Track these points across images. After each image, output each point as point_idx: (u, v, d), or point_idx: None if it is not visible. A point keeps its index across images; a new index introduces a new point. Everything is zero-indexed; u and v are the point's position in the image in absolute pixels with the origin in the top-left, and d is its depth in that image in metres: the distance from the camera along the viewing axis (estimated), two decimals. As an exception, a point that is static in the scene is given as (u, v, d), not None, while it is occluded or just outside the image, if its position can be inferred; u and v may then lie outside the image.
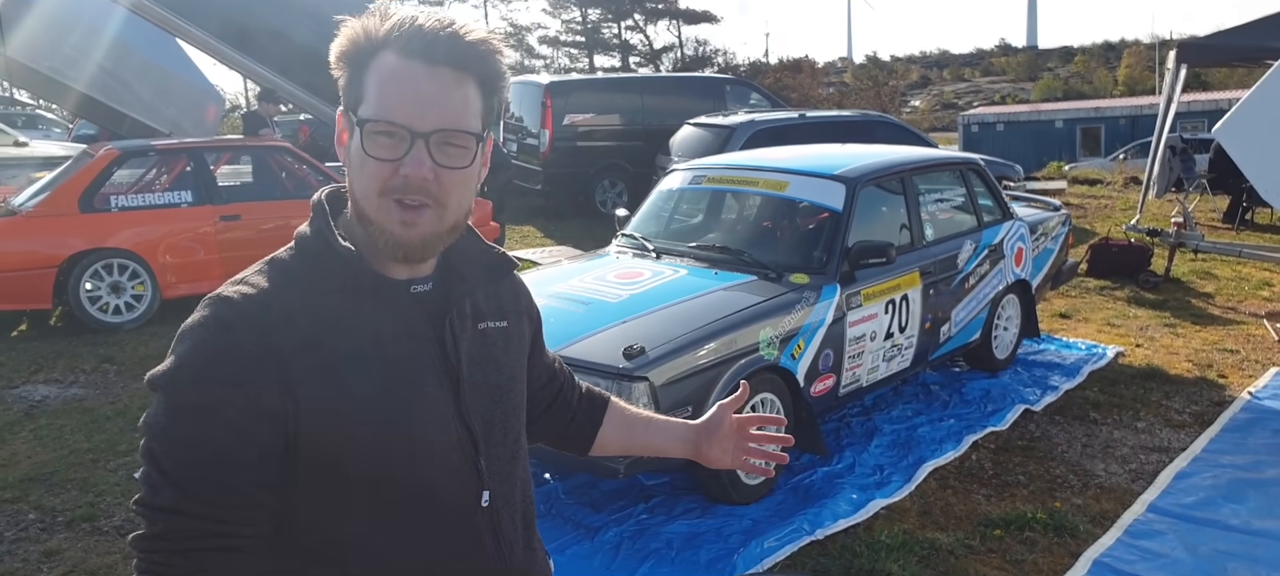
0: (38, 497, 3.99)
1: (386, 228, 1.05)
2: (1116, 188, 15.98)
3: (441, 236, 1.09)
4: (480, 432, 1.15)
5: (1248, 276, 8.46)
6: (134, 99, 12.69)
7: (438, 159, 1.04)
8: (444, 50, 1.04)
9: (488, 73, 1.08)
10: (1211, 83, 35.33)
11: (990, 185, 5.61)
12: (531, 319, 1.36)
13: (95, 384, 5.62)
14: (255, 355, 1.01)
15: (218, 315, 1.03)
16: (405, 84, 1.03)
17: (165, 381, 1.01)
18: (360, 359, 1.06)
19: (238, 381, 1.00)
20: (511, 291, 1.30)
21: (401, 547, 1.10)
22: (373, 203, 1.05)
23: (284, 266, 1.09)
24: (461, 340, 1.15)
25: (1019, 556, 3.46)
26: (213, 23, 10.70)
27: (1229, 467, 4.21)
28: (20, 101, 21.77)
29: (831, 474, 4.16)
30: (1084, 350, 6.06)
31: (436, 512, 1.12)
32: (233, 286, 1.06)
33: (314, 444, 1.04)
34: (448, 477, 1.12)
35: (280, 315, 1.03)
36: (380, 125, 1.03)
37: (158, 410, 1.02)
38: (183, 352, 1.02)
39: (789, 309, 4.01)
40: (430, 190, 1.04)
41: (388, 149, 1.03)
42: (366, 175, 1.05)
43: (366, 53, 1.06)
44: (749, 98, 13.35)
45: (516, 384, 1.26)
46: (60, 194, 6.77)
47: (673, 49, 45.77)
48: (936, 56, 78.17)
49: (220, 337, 1.01)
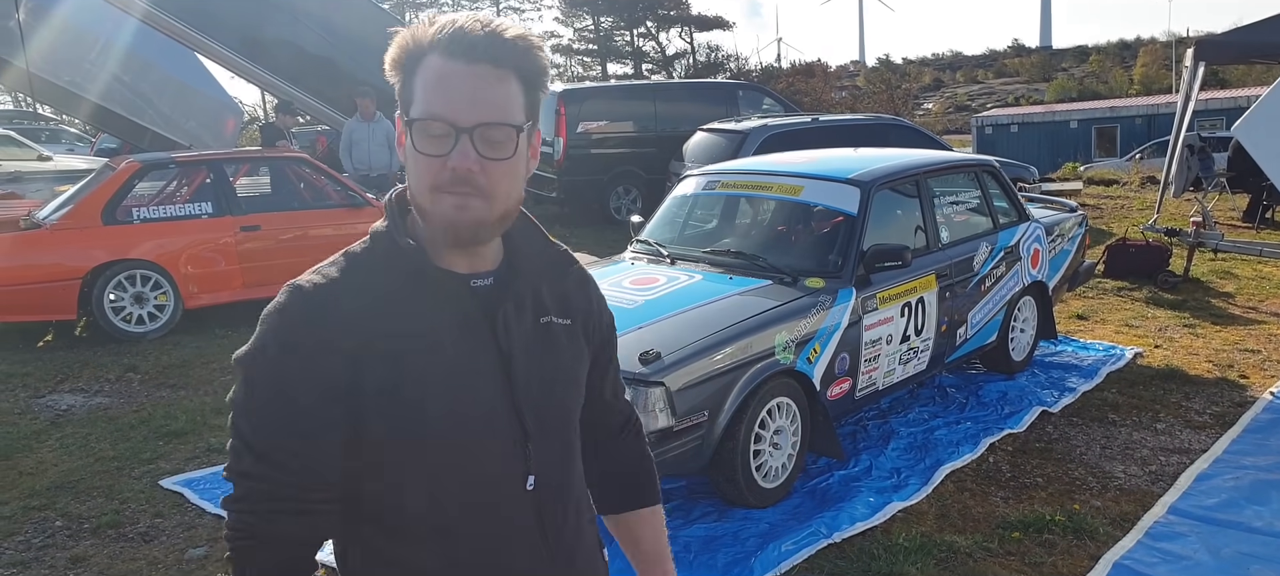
0: (64, 505, 4.05)
1: (440, 215, 1.13)
2: (1133, 188, 15.88)
3: (491, 223, 1.16)
4: (531, 421, 1.21)
5: (1269, 275, 8.40)
6: (154, 112, 12.85)
7: (482, 151, 1.11)
8: (483, 49, 1.11)
9: (527, 67, 1.14)
10: (1229, 80, 35.06)
11: (1006, 187, 5.60)
12: (604, 329, 1.40)
13: (119, 393, 5.69)
14: (325, 337, 1.11)
15: (293, 300, 1.14)
16: (448, 83, 1.11)
17: (245, 360, 1.13)
18: (418, 344, 1.14)
19: (308, 360, 1.11)
20: (583, 295, 1.35)
21: (451, 521, 1.19)
22: (426, 196, 1.14)
23: (356, 258, 1.19)
24: (516, 331, 1.22)
25: (1038, 559, 3.45)
26: (230, 37, 10.82)
27: (1251, 469, 4.18)
28: (43, 116, 22.03)
29: (848, 477, 4.16)
30: (1102, 351, 6.03)
31: (484, 491, 1.20)
32: (309, 275, 1.17)
33: (374, 419, 1.13)
34: (495, 459, 1.20)
35: (349, 302, 1.14)
36: (427, 123, 1.11)
37: (239, 386, 1.14)
38: (261, 334, 1.14)
39: (805, 313, 4.02)
40: (477, 181, 1.11)
41: (435, 144, 1.11)
42: (419, 171, 1.14)
43: (414, 58, 1.13)
44: (762, 103, 13.36)
45: (577, 382, 1.31)
46: (83, 207, 6.86)
47: (685, 55, 45.84)
48: (949, 58, 77.85)
49: (294, 320, 1.12)
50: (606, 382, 1.43)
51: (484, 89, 1.11)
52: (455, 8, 49.58)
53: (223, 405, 5.37)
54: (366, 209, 7.84)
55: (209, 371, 6.09)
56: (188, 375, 6.01)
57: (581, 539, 1.32)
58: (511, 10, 45.58)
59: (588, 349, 1.34)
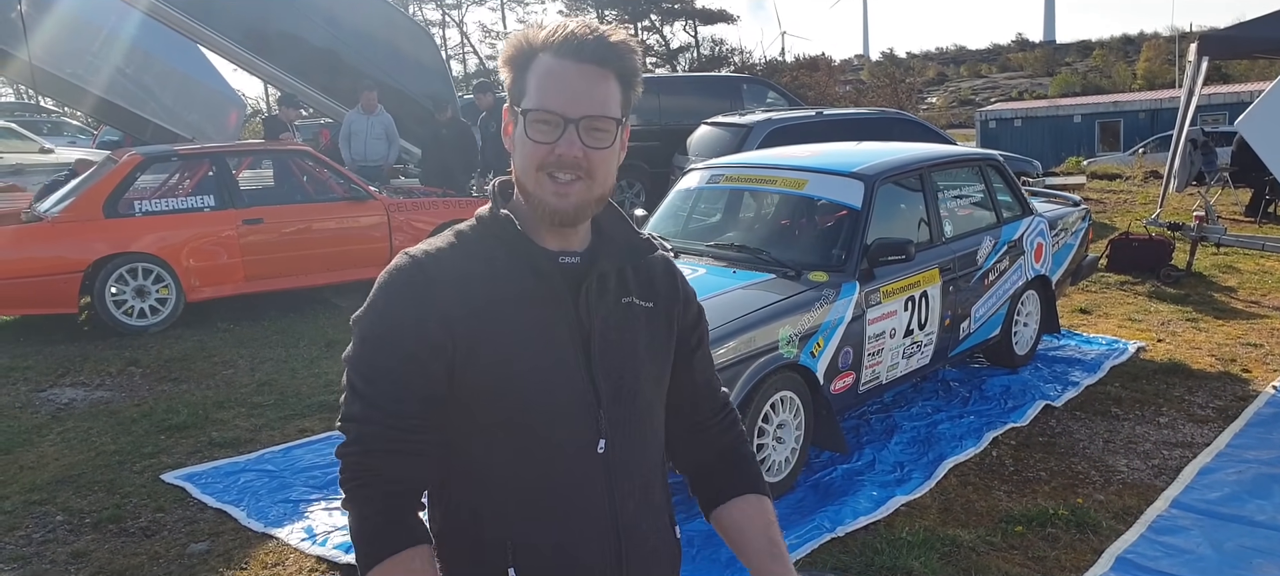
0: (65, 499, 4.05)
1: (543, 198, 1.26)
2: (1136, 182, 15.85)
3: (590, 204, 1.30)
4: (606, 390, 1.32)
5: (1271, 270, 8.38)
6: (156, 105, 12.83)
7: (586, 140, 1.24)
8: (590, 51, 1.24)
9: (626, 68, 1.27)
10: (1232, 75, 34.96)
11: (1009, 181, 5.58)
12: (689, 316, 1.48)
13: (121, 386, 5.69)
14: (428, 299, 1.24)
15: (402, 267, 1.27)
16: (559, 80, 1.24)
17: (360, 318, 1.28)
18: (507, 311, 1.27)
19: (413, 319, 1.23)
20: (669, 282, 1.45)
21: (527, 473, 1.30)
22: (532, 177, 1.26)
23: (461, 234, 1.33)
24: (597, 307, 1.33)
25: (1041, 553, 3.44)
26: (233, 29, 10.80)
27: (1254, 463, 4.18)
28: (45, 109, 22.03)
29: (851, 471, 4.16)
30: (1105, 345, 6.02)
31: (557, 448, 1.30)
32: (420, 246, 1.32)
33: (465, 374, 1.25)
34: (569, 421, 1.30)
35: (451, 271, 1.27)
36: (539, 114, 1.24)
37: (353, 342, 1.27)
38: (374, 296, 1.27)
39: (808, 307, 4.01)
40: (581, 165, 1.25)
41: (545, 133, 1.24)
42: (527, 155, 1.26)
43: (527, 56, 1.26)
44: (766, 96, 13.34)
45: (655, 361, 1.40)
46: (85, 199, 6.86)
47: (689, 49, 45.78)
48: (953, 53, 77.71)
49: (401, 285, 1.26)
50: (696, 369, 1.51)
51: (590, 86, 1.24)
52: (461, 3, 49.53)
53: (225, 398, 5.38)
54: (369, 202, 7.84)
55: (211, 365, 6.09)
56: (190, 369, 6.01)
57: (649, 513, 1.40)
58: (516, 3, 45.45)
59: (671, 333, 1.44)
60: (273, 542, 3.67)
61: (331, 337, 6.64)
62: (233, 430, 4.88)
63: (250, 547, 3.64)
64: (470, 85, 30.36)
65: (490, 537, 1.30)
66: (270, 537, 3.71)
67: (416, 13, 43.13)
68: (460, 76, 45.32)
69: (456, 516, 1.33)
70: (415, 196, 8.70)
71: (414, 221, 7.93)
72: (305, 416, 5.07)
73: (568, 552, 1.31)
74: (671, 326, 1.44)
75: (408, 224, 7.90)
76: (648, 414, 1.40)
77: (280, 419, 5.04)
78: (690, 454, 1.55)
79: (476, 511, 1.31)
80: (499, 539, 1.30)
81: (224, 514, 3.91)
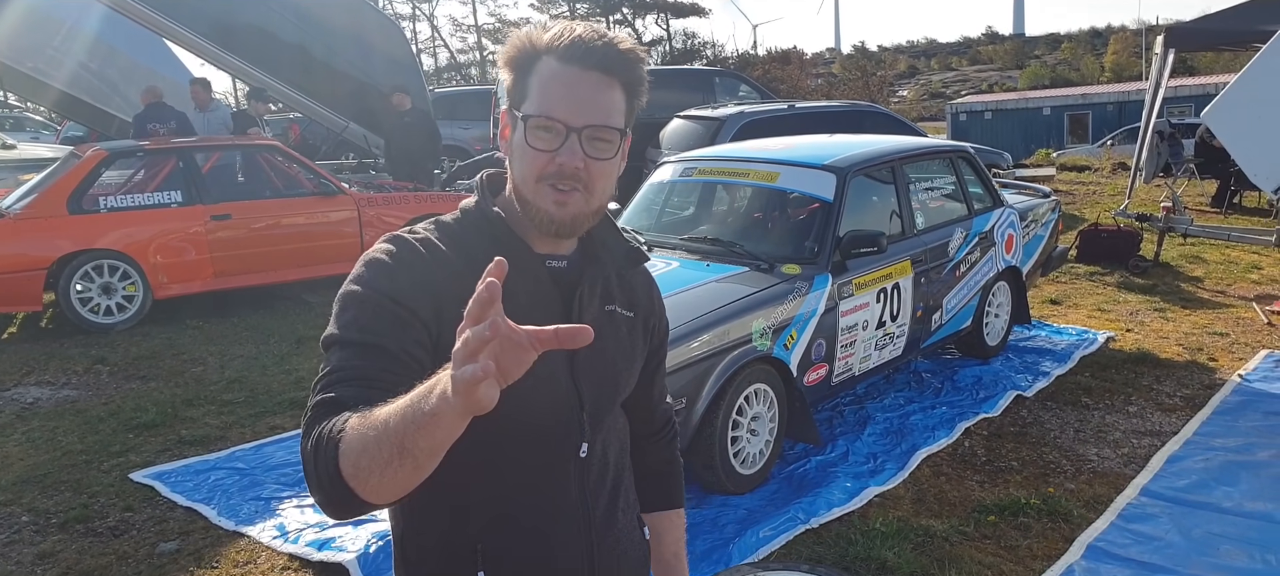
0: (31, 499, 3.98)
1: (542, 207, 1.22)
2: (1105, 173, 16.05)
3: (587, 216, 1.25)
4: (588, 395, 1.31)
5: (1236, 260, 8.52)
6: (121, 99, 12.62)
7: (588, 151, 1.19)
8: (596, 57, 1.19)
9: (632, 78, 1.23)
10: (1198, 67, 35.48)
11: (980, 173, 5.62)
12: (658, 331, 1.49)
13: (87, 385, 5.60)
14: (415, 276, 1.20)
15: (388, 246, 1.24)
16: (563, 86, 1.19)
17: (342, 289, 1.22)
18: None
19: (399, 289, 1.18)
20: (647, 294, 1.45)
21: (507, 475, 1.28)
22: (531, 186, 1.22)
23: (446, 225, 1.29)
24: (586, 313, 1.31)
25: (1013, 541, 3.48)
26: (200, 22, 10.63)
27: (1220, 450, 4.24)
28: (7, 104, 21.61)
29: (825, 463, 4.17)
30: (1075, 336, 6.09)
31: (539, 451, 1.28)
32: (404, 229, 1.28)
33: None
34: (553, 423, 1.28)
35: (437, 256, 1.23)
36: (541, 120, 1.18)
37: (334, 312, 1.20)
38: (358, 268, 1.23)
39: (781, 299, 4.02)
40: (581, 176, 1.20)
41: (546, 141, 1.19)
42: (526, 162, 1.21)
43: (530, 58, 1.21)
44: (738, 90, 13.34)
45: (630, 370, 1.41)
46: (48, 196, 6.73)
47: (661, 42, 45.76)
48: (924, 46, 78.31)
49: (387, 260, 1.21)
50: (655, 384, 1.53)
51: (595, 94, 1.19)
52: (429, -6, 49.13)
53: (194, 396, 5.30)
54: (340, 197, 7.76)
55: (180, 362, 6.01)
56: (158, 366, 5.93)
57: (621, 515, 1.41)
58: (486, -4, 45.17)
59: (645, 344, 1.44)
60: (244, 541, 3.63)
61: (302, 334, 6.56)
62: (202, 428, 4.82)
63: (221, 546, 3.59)
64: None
65: (461, 538, 1.28)
66: (241, 536, 3.66)
67: (386, 6, 42.75)
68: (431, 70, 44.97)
69: (425, 515, 1.30)
70: (386, 191, 8.63)
71: (385, 216, 7.87)
72: (276, 413, 5.01)
73: (540, 554, 1.30)
74: (647, 338, 1.44)
75: (378, 219, 7.84)
76: (621, 422, 1.42)
77: (251, 416, 4.99)
78: (635, 462, 1.56)
79: (448, 511, 1.29)
80: (470, 539, 1.28)
81: (194, 512, 3.85)
